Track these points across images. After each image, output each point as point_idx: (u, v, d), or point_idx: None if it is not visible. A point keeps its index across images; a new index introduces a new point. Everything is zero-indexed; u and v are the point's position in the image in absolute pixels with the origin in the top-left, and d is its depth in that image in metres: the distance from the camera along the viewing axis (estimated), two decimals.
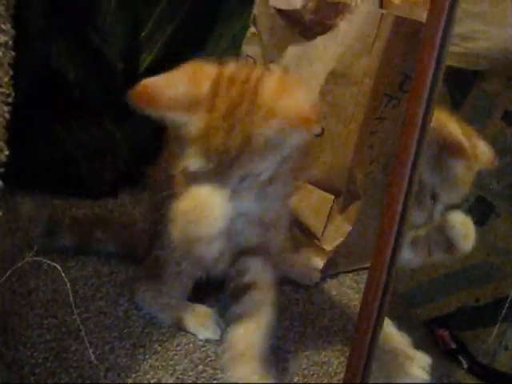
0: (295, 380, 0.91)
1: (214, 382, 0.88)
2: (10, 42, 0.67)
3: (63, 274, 0.78)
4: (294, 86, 0.79)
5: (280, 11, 1.20)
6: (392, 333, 0.93)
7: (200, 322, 0.98)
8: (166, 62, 1.47)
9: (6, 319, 0.92)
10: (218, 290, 1.01)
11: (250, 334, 0.88)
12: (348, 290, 1.17)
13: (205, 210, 0.74)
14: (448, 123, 0.84)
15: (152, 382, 0.86)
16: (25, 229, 1.14)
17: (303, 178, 1.14)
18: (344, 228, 1.17)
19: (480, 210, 1.03)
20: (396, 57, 1.05)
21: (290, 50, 1.21)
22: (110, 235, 1.11)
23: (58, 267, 0.78)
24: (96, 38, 1.33)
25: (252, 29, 1.31)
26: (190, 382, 0.88)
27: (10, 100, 0.67)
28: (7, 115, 0.67)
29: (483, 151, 0.86)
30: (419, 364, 0.91)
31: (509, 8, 0.95)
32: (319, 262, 1.17)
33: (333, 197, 1.14)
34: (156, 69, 1.45)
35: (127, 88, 1.38)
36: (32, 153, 1.24)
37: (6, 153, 0.67)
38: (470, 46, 0.98)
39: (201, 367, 0.91)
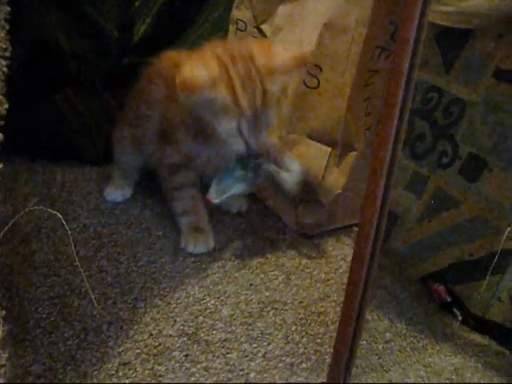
0: (293, 329, 0.94)
1: (214, 332, 0.91)
2: None
3: (64, 222, 0.80)
4: (272, 45, 1.04)
5: None
6: None
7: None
8: (160, 31, 1.50)
9: (10, 278, 0.94)
10: None
11: None
12: (344, 246, 1.19)
13: None
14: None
15: (154, 333, 0.89)
16: (25, 195, 1.16)
17: (298, 130, 1.18)
18: (341, 180, 1.18)
19: (472, 166, 1.04)
20: (386, 7, 1.05)
21: (280, 10, 1.21)
22: None
23: (59, 215, 0.80)
24: (90, 8, 1.33)
25: None
26: (190, 332, 0.90)
27: (7, 54, 0.69)
28: (5, 69, 0.68)
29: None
30: None
31: None
32: None
33: (329, 149, 1.15)
34: (150, 37, 1.48)
35: (122, 57, 1.40)
36: (30, 121, 1.25)
37: (6, 106, 0.68)
38: (463, 4, 0.99)
39: (201, 318, 0.93)
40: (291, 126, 1.18)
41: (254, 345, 0.90)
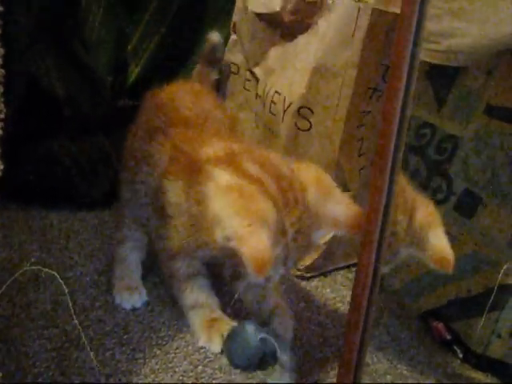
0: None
1: (214, 381, 0.90)
2: (0, 60, 0.68)
3: (61, 281, 0.80)
4: (331, 186, 0.87)
5: (260, 15, 1.24)
6: None
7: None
8: (154, 72, 1.51)
9: (7, 331, 0.94)
10: None
11: None
12: (341, 287, 1.19)
13: None
14: None
15: None
16: (21, 242, 1.16)
17: None
18: None
19: (468, 202, 1.04)
20: (376, 48, 1.08)
21: (272, 52, 1.24)
22: None
23: (56, 274, 0.80)
24: (83, 53, 1.35)
25: (233, 36, 1.34)
26: (190, 382, 0.89)
27: (2, 116, 0.69)
28: (0, 131, 0.69)
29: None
30: None
31: (486, 4, 0.97)
32: None
33: None
34: (144, 80, 1.50)
35: (116, 100, 1.42)
36: (25, 167, 1.26)
37: (1, 167, 0.69)
38: (451, 43, 1.00)
39: (200, 368, 0.92)
40: None
41: None
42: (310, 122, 1.14)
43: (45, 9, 1.26)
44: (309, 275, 1.21)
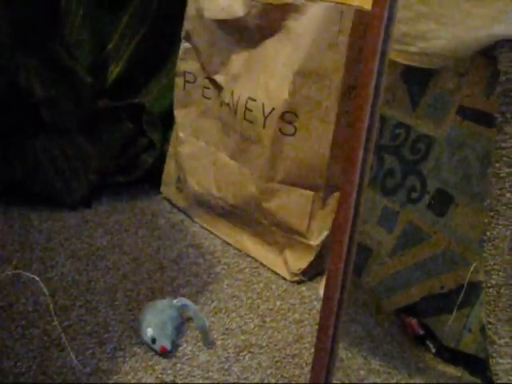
0: (269, 372, 0.96)
1: (192, 378, 0.92)
2: None
3: (42, 285, 0.81)
4: None
5: (220, 22, 1.22)
6: None
7: None
8: (134, 72, 1.52)
9: None
10: None
11: None
12: (316, 285, 1.22)
13: None
14: None
15: (132, 382, 0.90)
16: (1, 242, 1.17)
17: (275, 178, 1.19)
18: (327, 221, 1.19)
19: (440, 201, 1.07)
20: (358, 48, 1.08)
21: (234, 58, 1.23)
22: None
23: (37, 278, 0.81)
24: (63, 54, 1.35)
25: (186, 44, 1.33)
26: (168, 380, 0.91)
27: None
28: None
29: None
30: None
31: (457, 8, 0.99)
32: None
33: (312, 193, 1.17)
34: (124, 80, 1.50)
35: (96, 101, 1.43)
36: (6, 167, 1.27)
37: None
38: (424, 45, 1.02)
39: (179, 365, 0.94)
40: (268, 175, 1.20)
41: None
42: (295, 127, 1.14)
43: (24, 10, 1.26)
44: (306, 277, 1.23)
